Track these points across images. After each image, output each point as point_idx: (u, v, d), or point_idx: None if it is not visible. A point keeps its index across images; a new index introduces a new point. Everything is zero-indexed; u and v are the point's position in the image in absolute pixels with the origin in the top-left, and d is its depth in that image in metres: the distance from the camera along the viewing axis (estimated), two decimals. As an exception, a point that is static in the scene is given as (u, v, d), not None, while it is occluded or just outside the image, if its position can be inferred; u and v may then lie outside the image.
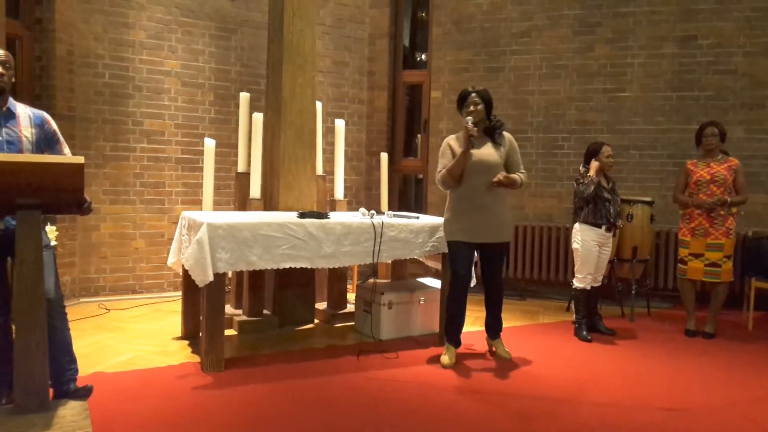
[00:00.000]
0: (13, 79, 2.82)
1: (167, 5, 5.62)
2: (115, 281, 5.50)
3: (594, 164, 4.53)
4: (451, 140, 3.87)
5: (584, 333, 4.54)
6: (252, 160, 4.63)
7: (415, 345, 4.25)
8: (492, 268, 3.97)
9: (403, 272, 5.22)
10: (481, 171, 3.74)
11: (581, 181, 4.55)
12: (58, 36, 5.06)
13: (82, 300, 5.28)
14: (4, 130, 2.73)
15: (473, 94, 3.80)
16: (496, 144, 3.83)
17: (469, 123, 3.66)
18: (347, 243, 3.87)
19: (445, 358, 3.83)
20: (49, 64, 5.06)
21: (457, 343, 3.90)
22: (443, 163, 3.81)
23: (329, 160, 5.52)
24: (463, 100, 3.84)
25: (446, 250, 4.18)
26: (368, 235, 3.97)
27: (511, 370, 3.78)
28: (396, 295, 4.42)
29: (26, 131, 2.78)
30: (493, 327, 4.10)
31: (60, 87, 5.09)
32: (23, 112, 2.83)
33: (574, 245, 4.62)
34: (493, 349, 4.10)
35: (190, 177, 5.78)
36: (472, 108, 3.77)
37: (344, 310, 4.86)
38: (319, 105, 4.88)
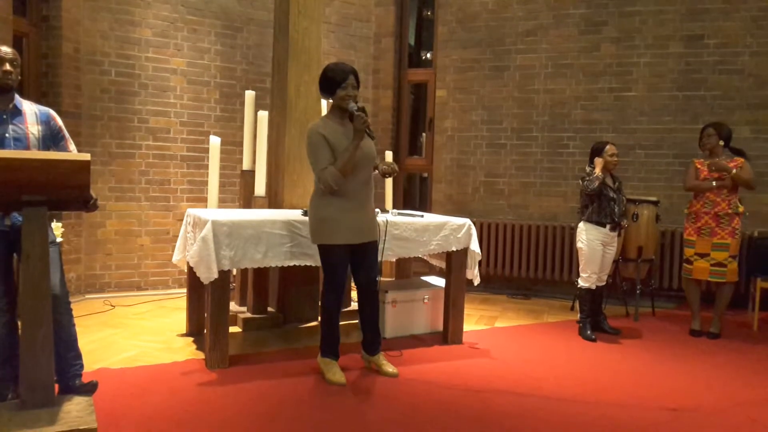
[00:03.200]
0: (19, 77, 2.83)
1: (173, 3, 5.63)
2: (120, 278, 5.52)
3: (598, 161, 4.50)
4: (320, 130, 3.29)
5: (588, 332, 4.53)
6: (257, 158, 4.64)
7: (418, 343, 4.25)
8: (370, 271, 3.50)
9: (408, 270, 5.22)
10: (366, 165, 3.37)
11: (586, 178, 4.53)
12: (64, 33, 5.08)
13: (87, 296, 5.30)
14: (10, 127, 2.74)
15: (353, 76, 3.28)
16: (369, 136, 3.34)
17: (360, 112, 3.21)
18: (351, 241, 3.87)
19: (337, 376, 3.41)
20: (55, 61, 5.08)
21: (338, 356, 3.54)
22: (325, 157, 3.25)
23: (334, 159, 5.52)
24: (342, 78, 3.26)
25: (451, 248, 4.20)
26: (372, 233, 3.96)
27: (514, 369, 3.77)
28: (400, 293, 4.42)
29: (33, 128, 2.80)
30: (375, 341, 3.65)
31: (66, 84, 5.11)
32: (29, 109, 2.84)
33: (579, 244, 4.61)
34: (374, 366, 3.64)
35: (196, 174, 5.80)
36: (352, 92, 3.27)
37: (348, 308, 4.86)
38: (324, 103, 4.88)
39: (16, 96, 2.82)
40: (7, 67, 2.73)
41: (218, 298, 3.54)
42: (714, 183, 4.52)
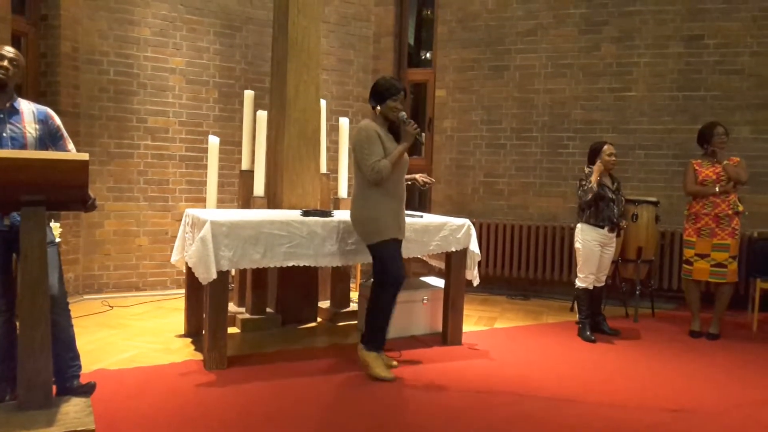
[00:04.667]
0: (20, 80, 2.81)
1: (172, 2, 5.61)
2: (118, 278, 5.50)
3: (597, 168, 4.47)
4: (376, 128, 3.53)
5: (588, 333, 4.52)
6: (256, 157, 4.63)
7: (418, 344, 4.24)
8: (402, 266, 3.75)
9: (407, 271, 5.20)
10: (404, 169, 3.67)
11: (583, 184, 4.51)
12: (63, 33, 5.06)
13: (85, 297, 5.29)
14: (8, 126, 2.73)
15: (403, 92, 3.59)
16: (419, 141, 3.64)
17: (406, 118, 3.54)
18: (351, 241, 3.86)
19: (386, 371, 3.51)
20: (54, 60, 5.06)
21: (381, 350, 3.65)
22: (377, 151, 3.46)
23: (333, 159, 5.51)
24: (394, 91, 3.55)
25: (451, 249, 4.19)
26: (372, 233, 3.96)
27: (514, 370, 3.76)
28: (399, 293, 4.40)
29: (30, 127, 2.78)
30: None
31: (65, 84, 5.09)
32: (27, 108, 2.83)
33: (577, 245, 4.60)
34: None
35: (194, 174, 5.78)
36: (400, 104, 3.58)
37: (347, 309, 4.86)
38: (323, 103, 4.87)
39: (14, 95, 2.80)
40: (5, 63, 2.72)
41: (217, 298, 3.53)
42: (717, 189, 4.51)
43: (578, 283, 4.60)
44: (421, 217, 4.31)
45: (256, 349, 3.99)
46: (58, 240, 3.31)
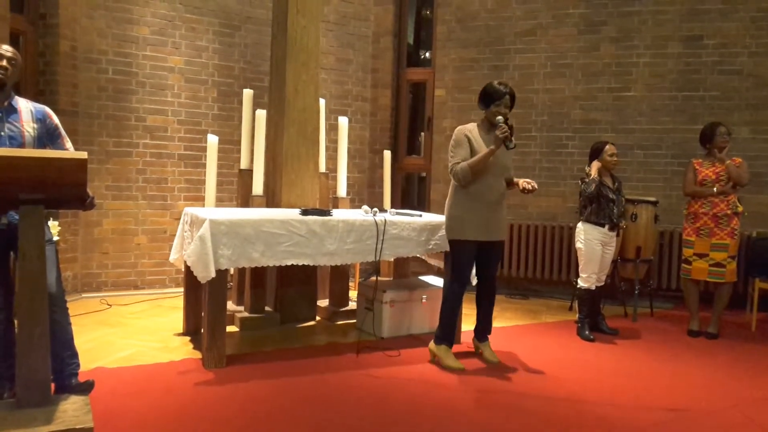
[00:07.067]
0: (17, 79, 2.81)
1: (171, 1, 5.61)
2: (117, 277, 5.50)
3: (594, 164, 4.51)
4: (467, 131, 3.74)
5: (587, 333, 4.52)
6: (255, 157, 4.62)
7: (416, 343, 4.24)
8: (493, 267, 3.92)
9: (406, 270, 5.20)
10: (497, 173, 3.74)
11: (585, 181, 4.53)
12: (61, 31, 5.06)
13: (84, 295, 5.28)
14: (6, 125, 2.72)
15: (509, 96, 3.68)
16: (506, 146, 3.66)
17: (503, 124, 3.59)
18: (350, 240, 3.86)
19: (454, 362, 3.73)
20: (52, 59, 5.06)
21: (452, 343, 3.89)
22: (461, 154, 3.66)
23: (332, 158, 5.51)
24: (497, 96, 3.67)
25: (446, 249, 4.18)
26: (371, 232, 3.96)
27: (513, 369, 3.76)
28: (398, 293, 4.41)
29: (28, 126, 2.78)
30: (485, 329, 4.02)
31: (63, 82, 5.09)
32: (25, 107, 2.82)
33: (578, 244, 4.61)
34: (480, 351, 4.00)
35: (193, 173, 5.78)
36: (503, 109, 3.67)
37: (346, 308, 4.85)
38: (322, 102, 4.87)
39: (12, 94, 2.80)
40: (4, 63, 2.71)
41: (215, 297, 3.53)
42: (715, 189, 4.51)
43: (580, 283, 4.60)
44: (420, 216, 4.30)
45: (254, 348, 3.99)
46: (56, 238, 3.30)
